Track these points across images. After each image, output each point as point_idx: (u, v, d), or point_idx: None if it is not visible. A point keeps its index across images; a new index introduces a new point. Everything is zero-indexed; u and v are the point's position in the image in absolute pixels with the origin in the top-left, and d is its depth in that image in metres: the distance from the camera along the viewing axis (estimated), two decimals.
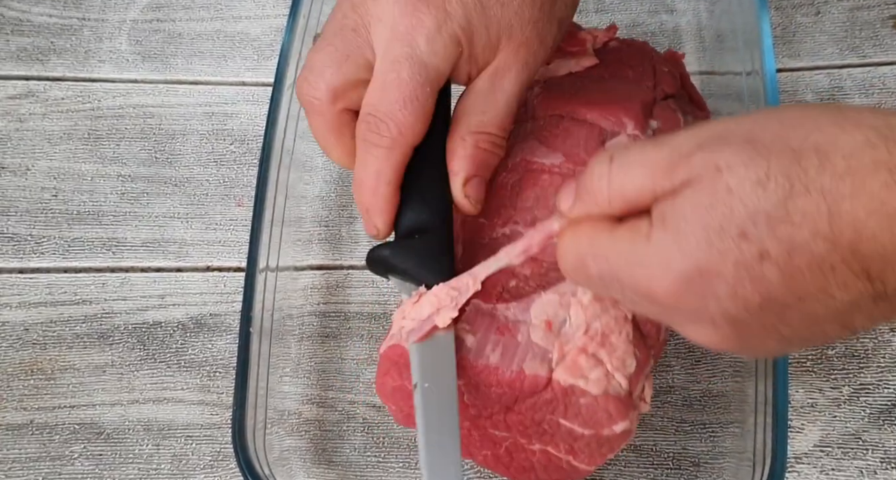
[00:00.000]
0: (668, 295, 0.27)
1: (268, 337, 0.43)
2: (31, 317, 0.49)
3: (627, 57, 0.45)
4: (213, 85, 0.58)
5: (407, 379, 0.38)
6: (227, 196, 0.53)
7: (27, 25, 0.60)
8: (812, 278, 0.25)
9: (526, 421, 0.37)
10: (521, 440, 0.38)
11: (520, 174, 0.41)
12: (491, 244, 0.39)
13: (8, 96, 0.57)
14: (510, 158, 0.41)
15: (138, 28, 0.60)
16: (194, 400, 0.47)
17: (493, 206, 0.40)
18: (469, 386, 0.37)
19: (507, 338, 0.37)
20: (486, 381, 0.36)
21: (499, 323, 0.37)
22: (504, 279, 0.38)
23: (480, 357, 0.36)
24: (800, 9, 0.59)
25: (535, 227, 0.35)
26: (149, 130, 0.56)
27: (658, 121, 0.42)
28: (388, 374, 0.39)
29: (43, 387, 0.47)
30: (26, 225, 0.52)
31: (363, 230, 0.52)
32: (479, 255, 0.39)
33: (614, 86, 0.43)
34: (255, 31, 0.60)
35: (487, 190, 0.39)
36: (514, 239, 0.38)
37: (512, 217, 0.40)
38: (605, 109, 0.42)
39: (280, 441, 0.45)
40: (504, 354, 0.36)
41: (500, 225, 0.40)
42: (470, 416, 0.38)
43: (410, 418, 0.40)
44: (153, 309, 0.50)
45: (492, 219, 0.40)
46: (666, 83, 0.44)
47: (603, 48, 0.46)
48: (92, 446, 0.46)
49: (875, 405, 0.46)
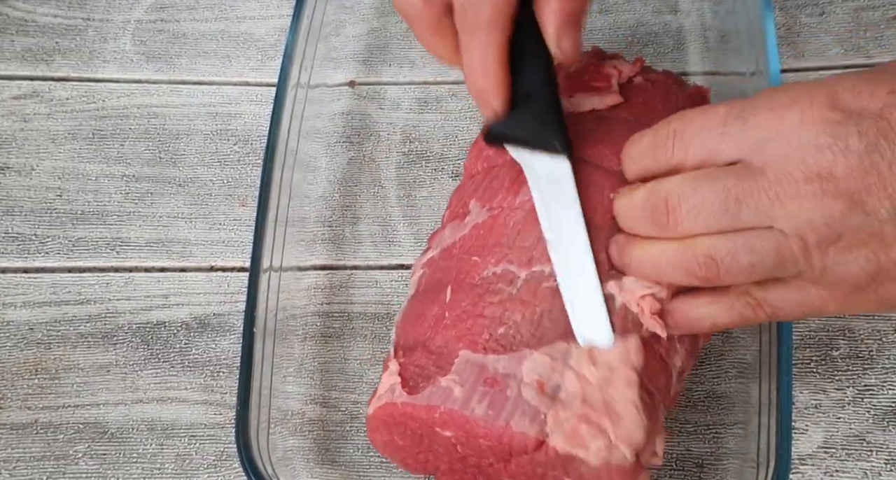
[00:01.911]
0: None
1: (271, 337, 0.44)
2: (36, 317, 0.50)
3: (652, 97, 0.44)
4: (217, 85, 0.58)
5: (397, 435, 0.38)
6: (230, 196, 0.54)
7: (32, 26, 0.60)
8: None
9: (528, 473, 0.36)
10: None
11: (525, 212, 0.39)
12: (480, 284, 0.38)
13: (13, 96, 0.57)
14: (519, 196, 0.40)
15: (142, 28, 0.60)
16: (198, 399, 0.47)
17: (490, 243, 0.39)
18: (460, 439, 0.35)
19: (495, 391, 0.35)
20: (473, 433, 0.35)
21: (487, 374, 0.35)
22: (493, 325, 0.36)
23: (466, 408, 0.35)
24: (804, 9, 0.59)
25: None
26: (153, 130, 0.56)
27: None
28: (378, 432, 0.38)
29: (47, 387, 0.48)
30: (31, 224, 0.53)
31: (366, 230, 0.52)
32: (466, 297, 0.37)
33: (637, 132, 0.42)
34: (259, 31, 0.60)
35: (579, 39, 0.38)
36: (504, 279, 0.37)
37: (507, 256, 0.38)
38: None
39: (283, 441, 0.45)
40: (491, 407, 0.34)
41: (493, 263, 0.38)
42: (468, 464, 0.37)
43: (415, 465, 0.40)
44: (157, 308, 0.50)
45: (485, 258, 0.38)
46: None
47: (628, 83, 0.44)
48: (96, 445, 0.46)
49: (879, 406, 0.45)
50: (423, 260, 0.42)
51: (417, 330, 0.38)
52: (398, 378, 0.37)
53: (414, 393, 0.36)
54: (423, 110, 0.56)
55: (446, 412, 0.35)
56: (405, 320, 0.40)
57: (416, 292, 0.41)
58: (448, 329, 0.37)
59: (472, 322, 0.37)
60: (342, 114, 0.56)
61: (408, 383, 0.36)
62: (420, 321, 0.39)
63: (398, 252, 0.51)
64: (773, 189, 0.30)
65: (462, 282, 0.38)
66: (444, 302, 0.38)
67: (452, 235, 0.41)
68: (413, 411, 0.36)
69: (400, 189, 0.53)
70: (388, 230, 0.52)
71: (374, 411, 0.37)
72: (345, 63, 0.58)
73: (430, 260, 0.41)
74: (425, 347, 0.38)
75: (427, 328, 0.38)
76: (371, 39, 0.59)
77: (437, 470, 0.40)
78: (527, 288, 0.37)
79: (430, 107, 0.57)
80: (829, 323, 0.48)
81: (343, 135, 0.56)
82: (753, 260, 0.31)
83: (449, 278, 0.39)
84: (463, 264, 0.39)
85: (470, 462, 0.37)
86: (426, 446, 0.37)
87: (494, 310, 0.37)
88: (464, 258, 0.39)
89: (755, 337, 0.43)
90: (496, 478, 0.37)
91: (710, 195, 0.32)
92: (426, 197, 0.53)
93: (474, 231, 0.40)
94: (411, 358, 0.38)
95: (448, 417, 0.35)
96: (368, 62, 0.58)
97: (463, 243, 0.40)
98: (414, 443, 0.38)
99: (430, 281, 0.40)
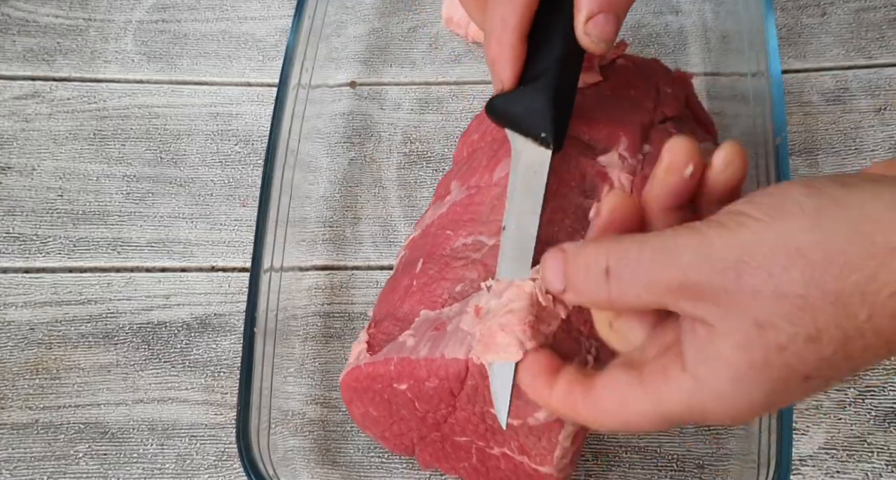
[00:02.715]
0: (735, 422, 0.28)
1: (272, 337, 0.44)
2: (37, 317, 0.50)
3: (632, 76, 0.45)
4: (219, 85, 0.58)
5: (370, 404, 0.38)
6: (231, 196, 0.54)
7: (33, 26, 0.60)
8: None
9: (473, 419, 0.36)
10: (479, 443, 0.38)
11: (501, 189, 0.40)
12: (450, 254, 0.39)
13: (14, 96, 0.57)
14: (496, 173, 0.41)
15: (144, 29, 0.60)
16: (199, 399, 0.47)
17: (464, 219, 0.40)
18: (413, 390, 0.36)
19: (439, 333, 0.36)
20: (420, 376, 0.36)
21: (437, 322, 0.37)
22: (452, 286, 0.37)
23: (413, 353, 0.36)
24: (805, 10, 0.59)
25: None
26: (154, 131, 0.56)
27: (651, 146, 0.41)
28: (353, 403, 0.39)
29: (48, 387, 0.48)
30: (32, 224, 0.53)
31: (367, 231, 0.52)
32: (435, 265, 0.38)
33: (614, 106, 0.43)
34: (261, 31, 0.60)
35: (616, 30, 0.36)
36: (472, 248, 0.38)
37: (478, 230, 0.39)
38: (600, 128, 0.41)
39: (284, 442, 0.45)
40: (433, 346, 0.35)
41: (465, 236, 0.39)
42: (433, 425, 0.38)
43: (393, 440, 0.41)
44: (158, 309, 0.50)
45: (457, 231, 0.40)
46: (667, 105, 0.44)
47: (610, 65, 0.45)
48: (96, 445, 0.46)
49: (880, 407, 0.45)
50: (406, 243, 0.44)
51: (389, 303, 0.40)
52: (364, 345, 0.38)
53: (374, 355, 0.37)
54: (424, 111, 0.56)
55: (398, 361, 0.36)
56: (380, 297, 0.42)
57: (394, 272, 0.43)
58: (413, 295, 0.39)
59: (436, 285, 0.38)
60: (343, 114, 0.56)
61: (373, 349, 0.38)
62: (392, 294, 0.40)
63: (399, 252, 0.51)
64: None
65: (433, 254, 0.40)
66: (413, 273, 0.40)
67: (432, 215, 0.43)
68: (373, 369, 0.37)
69: (401, 189, 0.53)
70: (388, 230, 0.52)
71: (342, 378, 0.39)
72: (346, 63, 0.58)
73: (412, 241, 0.43)
74: (393, 316, 0.39)
75: (397, 299, 0.40)
76: (372, 40, 0.59)
77: (413, 445, 0.41)
78: (490, 253, 0.38)
79: (431, 107, 0.57)
80: None
81: (344, 135, 0.56)
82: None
83: (423, 253, 0.40)
84: (437, 239, 0.40)
85: (430, 424, 0.38)
86: (395, 413, 0.38)
87: (456, 273, 0.38)
88: (438, 233, 0.41)
89: None
90: (456, 442, 0.38)
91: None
92: (427, 197, 0.53)
93: (452, 208, 0.41)
94: (380, 327, 0.39)
95: (400, 367, 0.36)
96: (369, 63, 0.58)
97: (440, 220, 0.42)
98: (386, 412, 0.39)
99: (407, 260, 0.42)
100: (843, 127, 0.55)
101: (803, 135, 0.54)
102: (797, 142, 0.54)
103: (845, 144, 0.54)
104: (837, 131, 0.54)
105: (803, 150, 0.54)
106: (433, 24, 0.60)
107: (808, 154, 0.54)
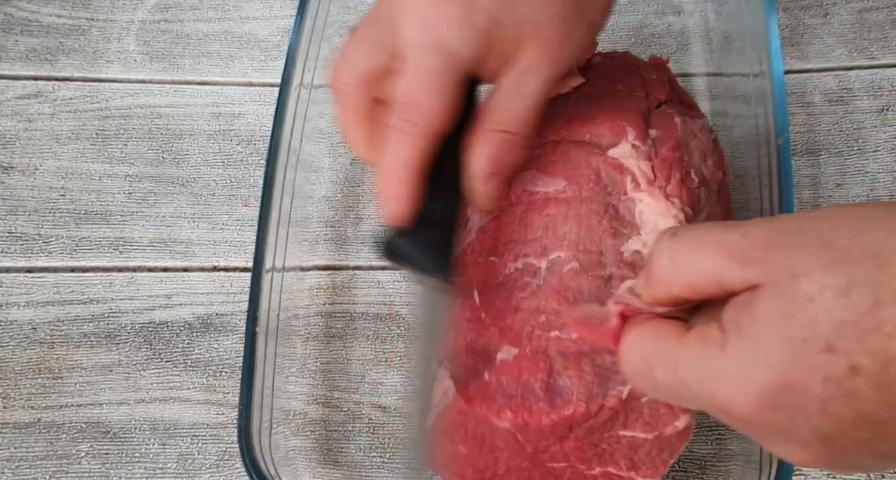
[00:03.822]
0: (751, 412, 0.25)
1: (274, 337, 0.44)
2: (39, 316, 0.50)
3: (613, 70, 0.45)
4: (221, 85, 0.58)
5: (459, 442, 0.37)
6: (233, 196, 0.54)
7: (36, 26, 0.60)
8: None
9: (583, 446, 0.36)
10: (580, 466, 0.37)
11: (525, 206, 0.40)
12: (505, 282, 0.39)
13: (17, 96, 0.57)
14: (512, 191, 0.41)
15: (146, 28, 0.60)
16: (200, 399, 0.47)
17: (501, 243, 0.40)
18: (518, 425, 0.36)
19: (545, 371, 0.36)
20: (534, 416, 0.35)
21: (536, 359, 0.36)
22: (532, 317, 0.37)
23: (523, 396, 0.35)
24: (808, 10, 0.59)
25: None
26: (156, 130, 0.56)
27: (656, 130, 0.41)
28: (440, 446, 0.38)
29: (50, 386, 0.48)
30: (34, 224, 0.53)
31: (369, 231, 0.52)
32: (497, 296, 0.38)
33: (607, 102, 0.43)
34: (263, 31, 0.60)
35: (505, 190, 0.38)
36: (527, 273, 0.38)
37: (522, 251, 0.39)
38: (601, 125, 0.41)
39: (285, 441, 0.45)
40: (545, 387, 0.35)
41: (512, 260, 0.39)
42: (528, 455, 0.37)
43: (473, 475, 0.39)
44: (160, 308, 0.50)
45: (502, 257, 0.39)
46: (657, 90, 0.44)
47: (587, 65, 0.46)
48: (98, 445, 0.46)
49: None
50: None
51: (456, 338, 0.39)
52: (450, 382, 0.37)
53: (465, 390, 0.36)
54: None
55: (503, 401, 0.35)
56: (440, 335, 0.40)
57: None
58: (488, 328, 0.38)
59: (512, 317, 0.38)
60: None
61: (459, 383, 0.37)
62: (456, 329, 0.39)
63: None
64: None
65: (487, 284, 0.39)
66: (474, 305, 0.39)
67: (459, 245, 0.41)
68: (465, 407, 0.36)
69: None
70: None
71: (433, 422, 0.38)
72: None
73: None
74: (469, 349, 0.38)
75: (465, 332, 0.39)
76: None
77: (494, 476, 0.39)
78: (551, 276, 0.38)
79: None
80: None
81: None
82: None
83: (471, 283, 0.40)
84: (481, 267, 0.40)
85: (527, 455, 0.37)
86: (487, 445, 0.38)
87: (530, 303, 0.37)
88: (479, 262, 0.40)
89: None
90: (547, 467, 0.37)
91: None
92: None
93: (481, 234, 0.41)
94: (456, 363, 0.38)
95: (499, 408, 0.35)
96: None
97: (472, 248, 0.41)
98: (475, 447, 0.38)
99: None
100: (845, 127, 0.54)
101: (805, 135, 0.54)
102: (799, 142, 0.54)
103: (848, 145, 0.54)
104: (840, 132, 0.54)
105: (805, 151, 0.54)
106: None
107: (811, 154, 0.54)
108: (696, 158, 0.41)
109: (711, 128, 0.44)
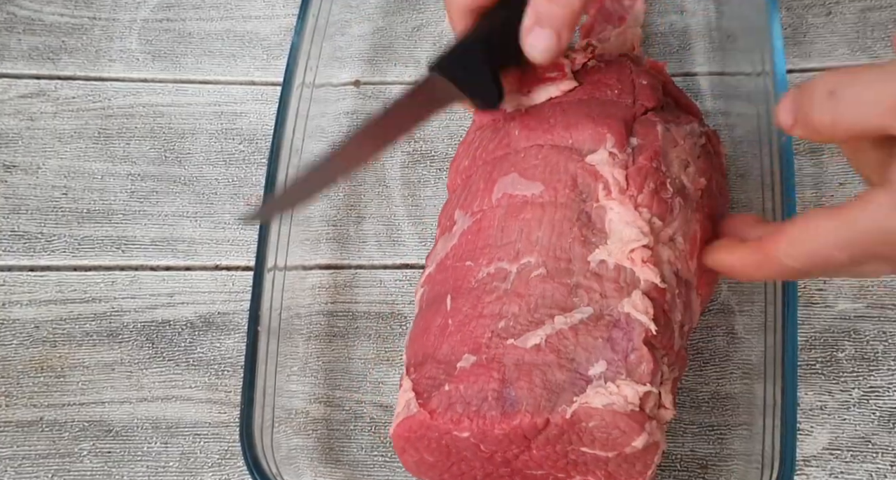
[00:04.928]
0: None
1: (275, 335, 0.44)
2: (41, 315, 0.50)
3: (606, 76, 0.45)
4: (223, 84, 0.58)
5: (424, 451, 0.37)
6: (235, 195, 0.54)
7: (38, 24, 0.60)
8: None
9: (552, 455, 0.36)
10: (559, 475, 0.37)
11: (503, 209, 0.40)
12: (476, 287, 0.38)
13: (19, 95, 0.57)
14: (494, 193, 0.41)
15: (149, 27, 0.60)
16: (202, 398, 0.47)
17: (479, 246, 0.40)
18: (476, 435, 0.36)
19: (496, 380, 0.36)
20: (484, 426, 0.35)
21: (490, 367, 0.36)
22: (492, 323, 0.37)
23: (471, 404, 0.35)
24: (811, 9, 0.59)
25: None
26: (158, 129, 0.56)
27: (638, 138, 0.41)
28: (405, 452, 0.38)
29: (52, 385, 0.48)
30: (37, 223, 0.53)
31: (370, 229, 0.52)
32: (466, 301, 0.38)
33: (593, 108, 0.43)
34: (265, 30, 0.60)
35: (555, 44, 0.39)
36: (498, 277, 0.38)
37: (496, 255, 0.39)
38: (584, 131, 0.41)
39: (287, 440, 0.45)
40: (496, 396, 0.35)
41: (486, 264, 0.39)
42: (497, 462, 0.37)
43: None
44: (162, 307, 0.50)
45: (478, 261, 0.39)
46: (645, 97, 0.44)
47: (583, 69, 0.46)
48: (101, 443, 0.46)
49: (885, 408, 0.45)
50: (422, 280, 0.43)
51: (425, 344, 0.39)
52: (412, 393, 0.37)
53: (427, 403, 0.36)
54: None
55: (462, 410, 0.35)
56: (412, 339, 0.40)
57: (419, 310, 0.42)
58: (452, 335, 0.38)
59: (475, 323, 0.37)
60: (347, 113, 0.56)
61: (422, 396, 0.37)
62: (426, 335, 0.39)
63: (402, 251, 0.51)
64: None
65: (460, 289, 0.39)
66: (445, 311, 0.39)
67: (444, 248, 0.42)
68: (428, 420, 0.36)
69: (404, 188, 0.53)
70: (392, 229, 0.52)
71: (394, 430, 0.38)
72: (350, 62, 0.58)
73: (428, 277, 0.42)
74: (433, 358, 0.38)
75: (433, 339, 0.39)
76: (376, 39, 0.59)
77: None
78: (519, 281, 0.38)
79: None
80: (834, 324, 0.48)
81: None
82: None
83: (447, 288, 0.40)
84: (458, 272, 0.40)
85: (499, 461, 0.37)
86: (455, 455, 0.38)
87: (493, 308, 0.37)
88: (457, 266, 0.40)
89: (760, 339, 0.43)
90: (529, 475, 0.37)
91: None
92: (430, 196, 0.53)
93: (463, 238, 0.41)
94: (422, 371, 0.38)
95: (458, 418, 0.35)
96: (373, 61, 0.58)
97: (454, 252, 0.41)
98: (443, 456, 0.38)
99: (430, 296, 0.41)
100: None
101: None
102: (802, 141, 0.54)
103: None
104: None
105: (808, 150, 0.54)
106: (437, 23, 0.60)
107: (813, 154, 0.53)
108: (675, 167, 0.41)
109: (703, 132, 0.44)
